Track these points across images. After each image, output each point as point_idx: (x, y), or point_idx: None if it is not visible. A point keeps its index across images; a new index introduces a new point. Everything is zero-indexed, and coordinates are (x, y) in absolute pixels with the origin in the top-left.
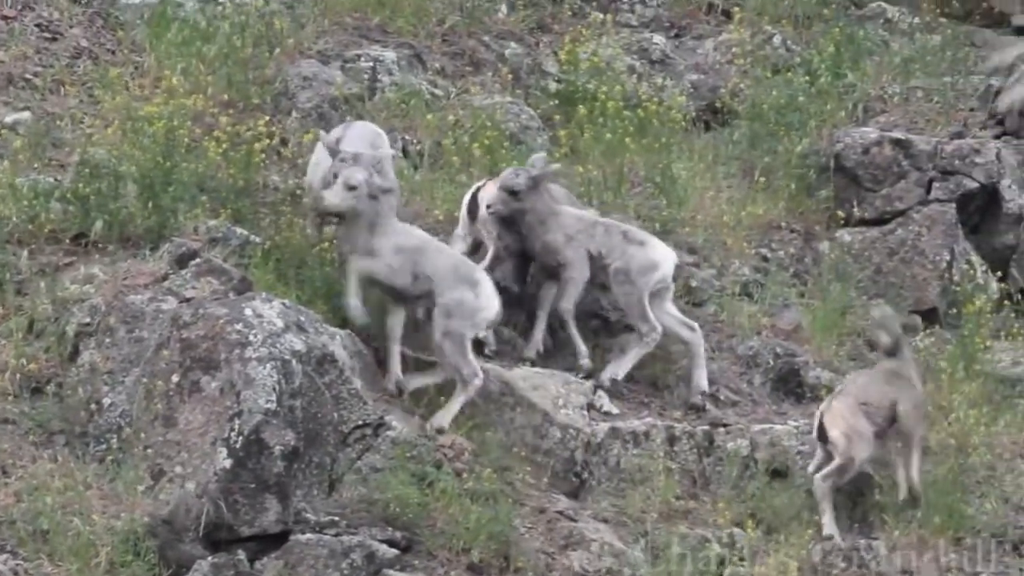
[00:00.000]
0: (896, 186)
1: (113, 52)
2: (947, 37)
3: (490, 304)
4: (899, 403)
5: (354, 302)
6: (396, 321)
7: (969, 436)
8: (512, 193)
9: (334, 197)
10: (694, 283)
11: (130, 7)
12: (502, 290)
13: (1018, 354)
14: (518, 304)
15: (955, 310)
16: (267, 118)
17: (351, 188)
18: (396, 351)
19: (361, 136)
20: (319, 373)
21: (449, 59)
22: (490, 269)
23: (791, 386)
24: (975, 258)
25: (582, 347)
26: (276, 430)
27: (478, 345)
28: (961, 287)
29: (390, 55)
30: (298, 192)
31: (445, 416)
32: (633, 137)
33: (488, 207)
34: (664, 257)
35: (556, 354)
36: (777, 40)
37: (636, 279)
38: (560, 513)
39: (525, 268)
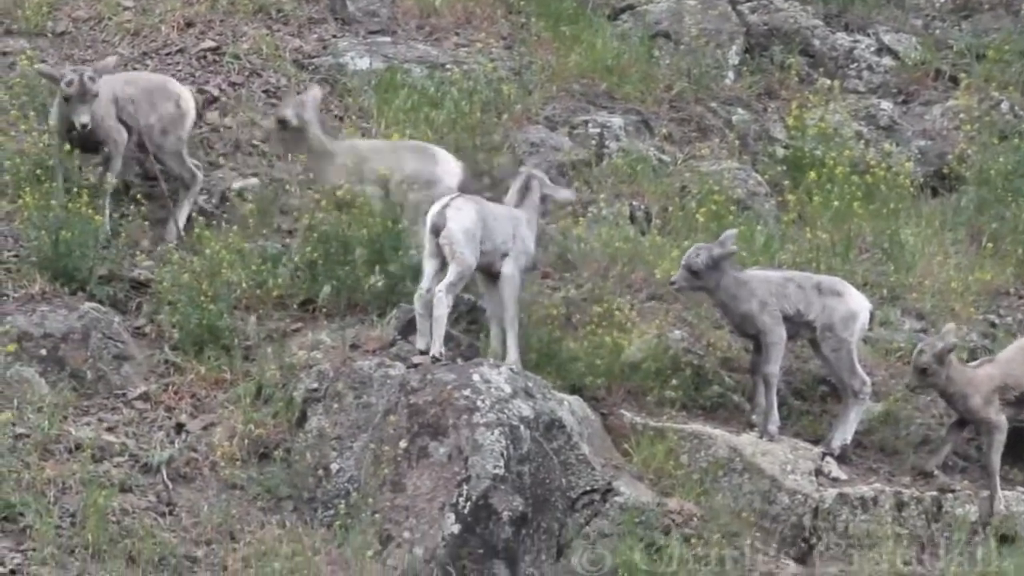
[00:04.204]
0: None
1: (341, 118)
2: None
3: None
4: None
5: None
6: None
7: None
8: (692, 272)
9: None
10: None
11: (358, 74)
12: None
13: None
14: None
15: None
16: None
17: None
18: None
19: None
20: (547, 439)
21: (676, 125)
22: (453, 287)
23: (1020, 452)
24: None
25: (776, 414)
26: (504, 496)
27: None
28: None
29: (617, 121)
30: None
31: None
32: (861, 203)
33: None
34: (861, 305)
35: (783, 421)
36: (1004, 106)
37: (841, 332)
38: None
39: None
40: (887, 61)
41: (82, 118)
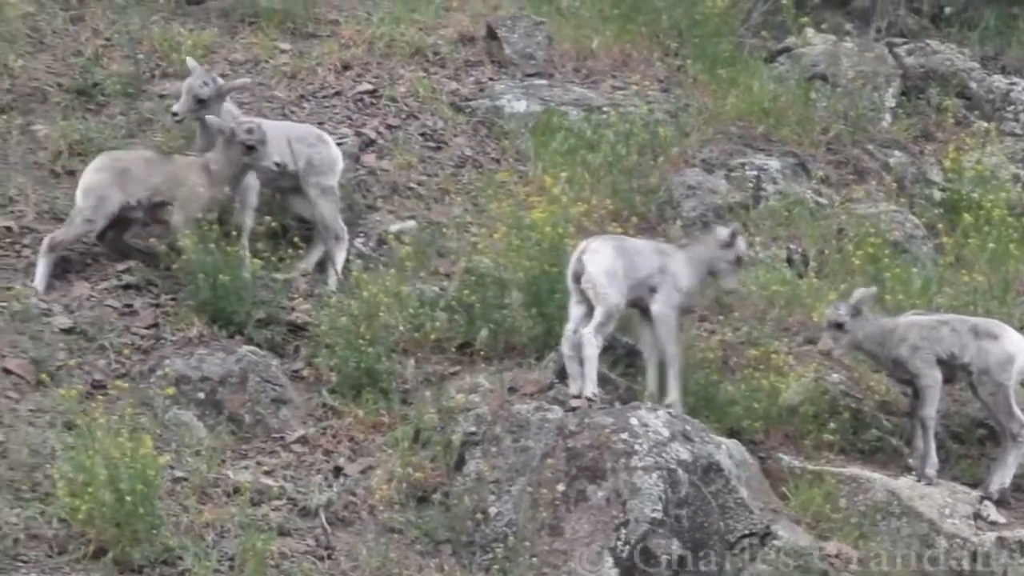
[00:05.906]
0: None
1: (497, 160)
2: None
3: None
4: None
5: None
6: None
7: None
8: (838, 326)
9: None
10: None
11: (515, 116)
12: None
13: None
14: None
15: None
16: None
17: None
18: None
19: None
20: (705, 482)
21: (833, 167)
22: (603, 328)
23: None
24: None
25: (934, 457)
26: (662, 539)
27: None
28: None
29: (774, 163)
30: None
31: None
32: (1018, 245)
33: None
34: (1020, 348)
35: (942, 464)
36: None
37: (997, 376)
38: None
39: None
40: None
41: (274, 158)
